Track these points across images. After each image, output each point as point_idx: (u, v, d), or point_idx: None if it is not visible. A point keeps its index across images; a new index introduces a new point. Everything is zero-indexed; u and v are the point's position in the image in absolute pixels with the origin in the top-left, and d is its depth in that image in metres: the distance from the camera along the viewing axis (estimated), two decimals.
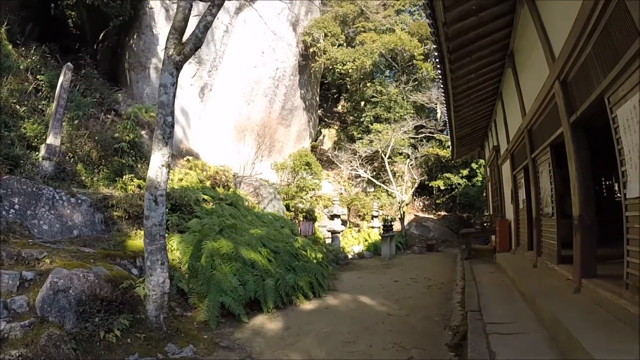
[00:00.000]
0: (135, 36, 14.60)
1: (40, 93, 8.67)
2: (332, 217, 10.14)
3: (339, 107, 26.45)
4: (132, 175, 7.85)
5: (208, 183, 10.13)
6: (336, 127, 23.61)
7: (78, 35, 12.97)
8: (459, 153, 13.47)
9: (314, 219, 12.75)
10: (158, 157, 4.00)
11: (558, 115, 4.47)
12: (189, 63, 16.24)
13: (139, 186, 7.64)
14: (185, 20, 3.99)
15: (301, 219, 11.45)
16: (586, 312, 3.50)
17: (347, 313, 5.17)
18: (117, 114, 11.83)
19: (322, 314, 5.15)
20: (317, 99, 22.04)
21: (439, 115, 19.20)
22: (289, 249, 6.98)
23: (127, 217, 6.52)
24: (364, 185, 19.32)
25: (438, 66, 6.49)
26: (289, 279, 5.78)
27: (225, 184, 10.31)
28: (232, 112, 16.14)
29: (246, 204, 10.20)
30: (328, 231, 10.35)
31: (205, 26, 4.01)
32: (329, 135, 23.37)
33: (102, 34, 14.47)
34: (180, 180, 9.89)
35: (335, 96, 27.22)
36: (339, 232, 10.04)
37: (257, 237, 6.78)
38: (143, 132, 13.24)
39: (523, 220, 7.13)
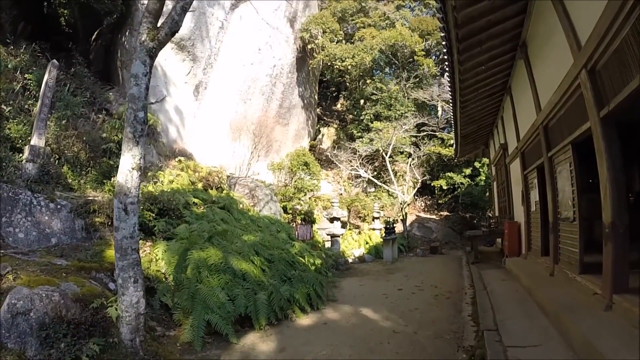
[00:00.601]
0: (127, 33, 14.32)
1: (28, 92, 8.34)
2: (332, 219, 9.61)
3: (338, 106, 25.92)
4: None
5: (200, 185, 9.63)
6: (335, 126, 23.09)
7: (71, 34, 12.78)
8: (463, 152, 12.97)
9: (312, 221, 12.26)
10: (128, 159, 3.49)
11: (583, 108, 3.98)
12: (182, 61, 15.92)
13: None
14: (161, 1, 3.48)
15: (299, 221, 10.97)
16: (624, 335, 3.02)
17: (348, 330, 4.67)
18: (108, 114, 11.66)
19: (320, 332, 4.66)
20: (316, 97, 21.55)
21: (439, 113, 18.72)
22: (285, 257, 6.50)
23: (109, 223, 6.05)
24: (365, 185, 18.81)
25: (445, 57, 5.99)
26: (284, 292, 5.29)
27: (219, 185, 9.81)
28: (228, 111, 15.73)
29: (240, 206, 9.71)
30: (327, 235, 9.82)
31: (183, 7, 3.51)
32: (328, 134, 22.85)
33: (96, 33, 14.15)
34: (171, 182, 9.42)
35: (334, 94, 26.70)
36: (338, 236, 9.51)
37: (250, 244, 6.29)
38: None
39: (536, 224, 6.65)
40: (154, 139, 14.44)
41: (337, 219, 9.58)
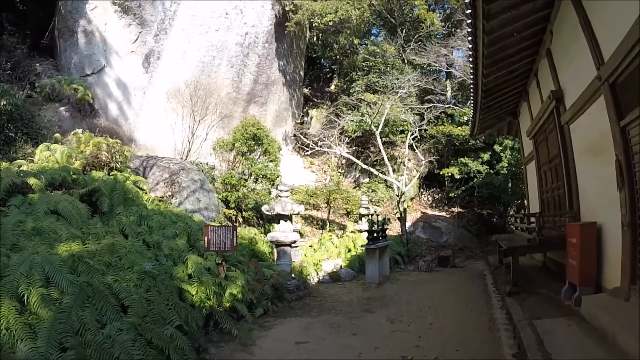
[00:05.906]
0: None
1: None
2: (279, 218, 5.84)
3: (332, 87, 22.60)
4: None
5: (78, 163, 6.32)
6: (326, 107, 19.68)
7: (24, 11, 12.47)
8: (484, 123, 9.23)
9: (272, 219, 8.78)
10: None
11: None
12: (128, 25, 13.02)
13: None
14: None
15: (242, 219, 7.50)
16: None
17: None
18: (32, 88, 10.11)
19: None
20: (302, 73, 18.47)
21: (449, 94, 14.97)
22: (122, 289, 3.03)
23: None
24: (357, 176, 15.30)
25: None
26: None
27: (110, 164, 6.45)
28: (187, 86, 12.80)
29: (146, 197, 6.36)
30: (272, 243, 6.07)
31: None
32: (318, 117, 19.45)
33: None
34: (48, 158, 6.53)
35: (328, 75, 23.41)
36: (288, 245, 5.75)
37: (46, 260, 2.84)
38: (62, 109, 10.36)
39: None
40: (91, 116, 11.52)
41: (286, 217, 5.81)
